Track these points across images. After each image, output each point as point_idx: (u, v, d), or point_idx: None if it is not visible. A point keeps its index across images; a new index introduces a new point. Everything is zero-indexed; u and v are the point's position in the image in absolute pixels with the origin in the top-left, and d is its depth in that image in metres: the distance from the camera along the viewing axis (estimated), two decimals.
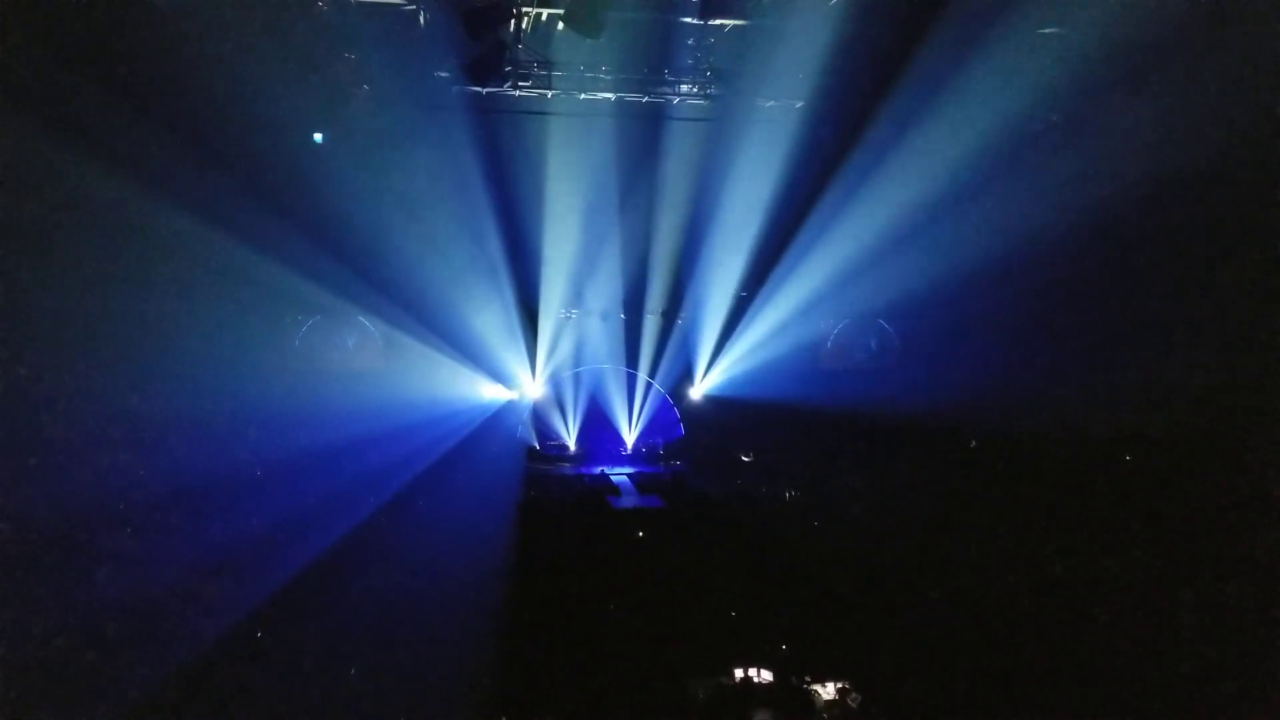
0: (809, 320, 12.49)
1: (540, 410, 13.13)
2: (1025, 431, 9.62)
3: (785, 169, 11.15)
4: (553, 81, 10.50)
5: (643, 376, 13.24)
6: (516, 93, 10.52)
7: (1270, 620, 5.89)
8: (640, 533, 8.83)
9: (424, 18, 9.32)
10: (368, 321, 11.86)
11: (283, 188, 9.57)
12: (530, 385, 13.01)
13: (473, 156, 10.74)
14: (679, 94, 10.87)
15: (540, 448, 12.97)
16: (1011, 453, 10.21)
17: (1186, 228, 8.77)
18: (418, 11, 9.28)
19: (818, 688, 5.94)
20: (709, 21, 9.58)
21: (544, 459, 12.80)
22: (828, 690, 5.92)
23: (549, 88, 10.57)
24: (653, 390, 13.28)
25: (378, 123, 10.23)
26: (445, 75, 10.07)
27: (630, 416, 13.25)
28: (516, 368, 12.83)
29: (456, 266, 11.45)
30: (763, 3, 9.48)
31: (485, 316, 12.14)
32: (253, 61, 8.33)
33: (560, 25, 9.22)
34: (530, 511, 9.62)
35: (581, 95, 10.69)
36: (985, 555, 7.85)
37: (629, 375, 13.28)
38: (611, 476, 11.60)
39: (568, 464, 12.72)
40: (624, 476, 11.69)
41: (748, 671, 6.01)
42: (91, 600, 5.85)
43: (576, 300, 12.92)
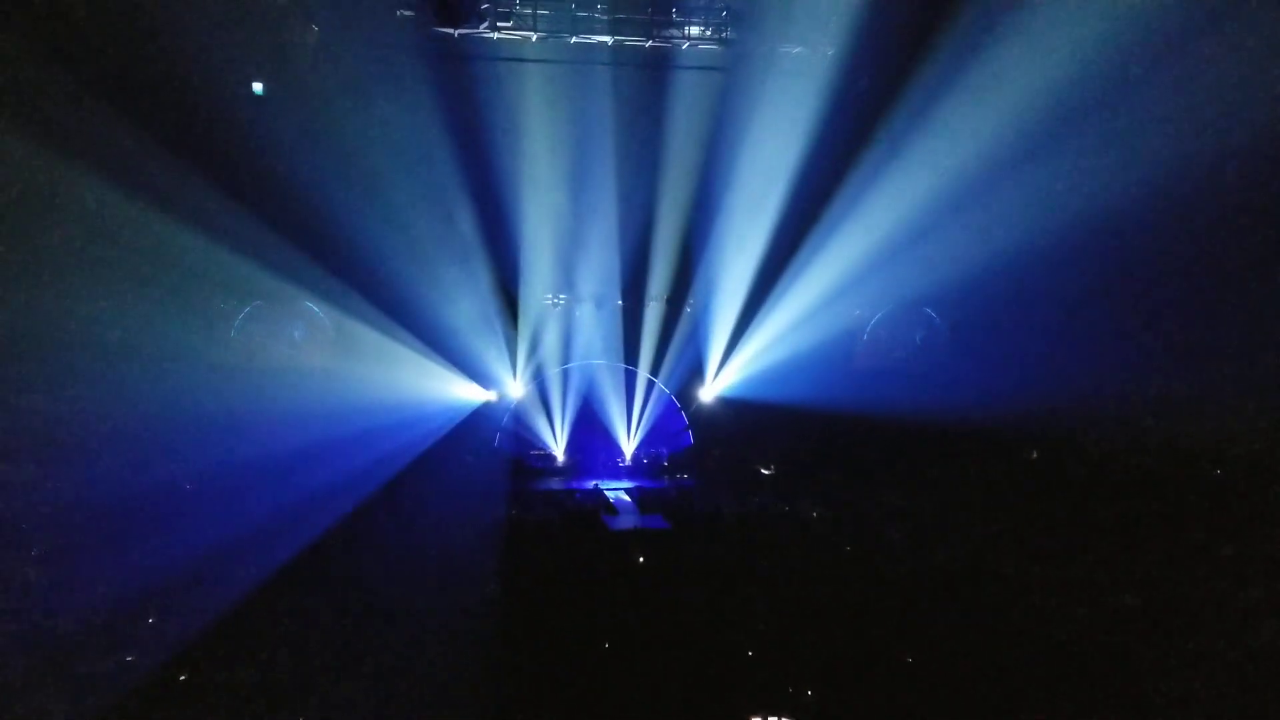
0: (841, 308, 12.35)
1: (523, 414, 12.91)
2: (1097, 441, 9.53)
3: (814, 128, 10.91)
4: (538, 22, 10.30)
5: (644, 374, 13.06)
6: (495, 35, 10.34)
7: None
8: (641, 559, 8.75)
9: None
10: (317, 308, 11.70)
11: (215, 148, 9.43)
12: (511, 384, 12.84)
13: (442, 112, 10.52)
14: (688, 38, 10.69)
15: (523, 459, 12.80)
16: (1080, 466, 10.16)
17: None
18: None
19: None
20: None
21: (528, 472, 12.61)
22: None
23: (533, 29, 10.36)
24: (656, 391, 13.09)
25: (328, 71, 10.09)
26: (409, 14, 9.91)
27: (629, 422, 13.03)
28: (494, 363, 12.60)
29: (422, 243, 11.30)
30: None
31: (457, 302, 11.98)
32: None
33: None
34: (512, 535, 9.52)
35: (572, 39, 10.50)
36: (1049, 586, 7.72)
37: (628, 373, 13.10)
38: (607, 492, 11.42)
39: (556, 478, 12.51)
40: (622, 493, 11.51)
41: None
42: None
43: (565, 284, 12.72)
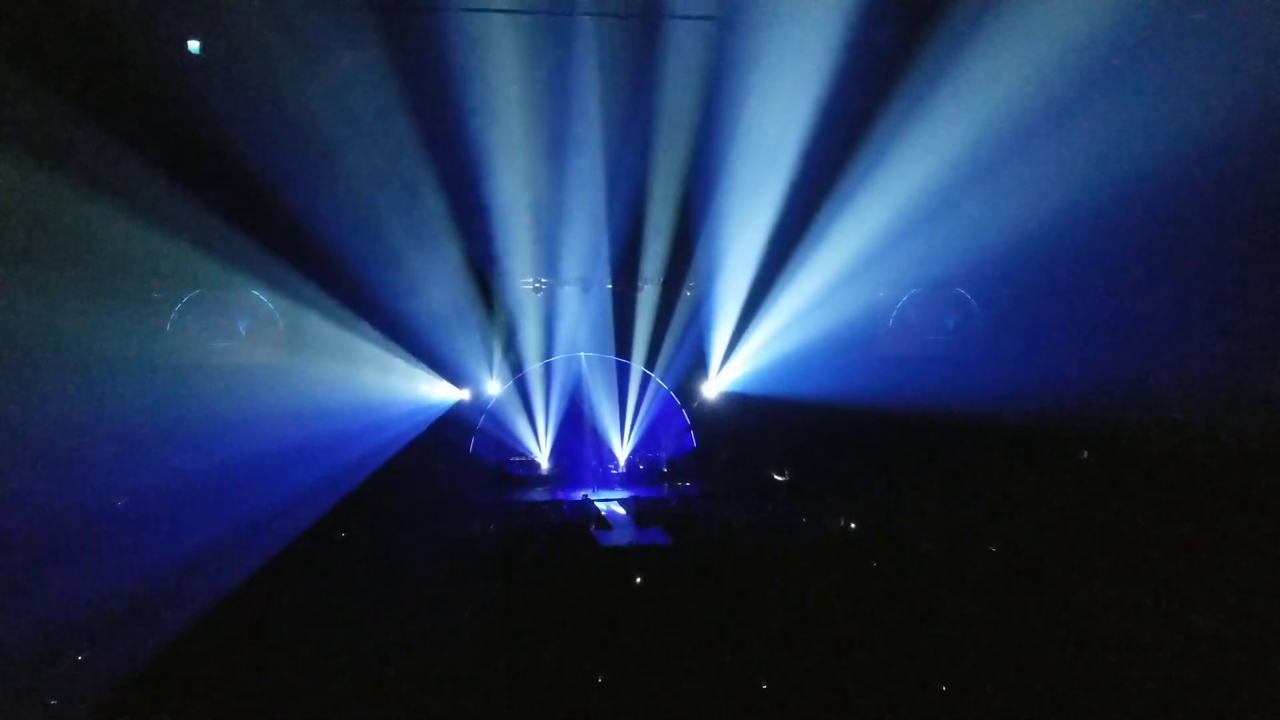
0: (863, 289, 12.38)
1: (500, 415, 12.93)
2: (1161, 437, 9.47)
3: (828, 85, 10.80)
4: None
5: (638, 367, 13.06)
6: None
7: None
8: (638, 579, 8.74)
9: None
10: (264, 297, 11.74)
11: (145, 115, 9.38)
12: (487, 382, 12.87)
13: (402, 71, 10.45)
14: None
15: (502, 467, 12.84)
16: (1143, 467, 10.10)
17: None
18: None
19: None
20: None
21: (507, 481, 12.69)
22: None
23: None
24: (653, 386, 13.10)
25: (273, 26, 10.05)
26: None
27: (623, 422, 13.07)
28: (467, 358, 12.62)
29: (383, 222, 11.27)
30: None
31: (423, 289, 11.89)
32: None
33: None
34: (489, 555, 9.48)
35: None
36: (1107, 608, 7.65)
37: (620, 366, 13.08)
38: (599, 504, 11.40)
39: (540, 488, 12.56)
40: (615, 504, 11.47)
41: None
42: None
43: (547, 266, 12.68)
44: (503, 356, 12.77)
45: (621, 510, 11.26)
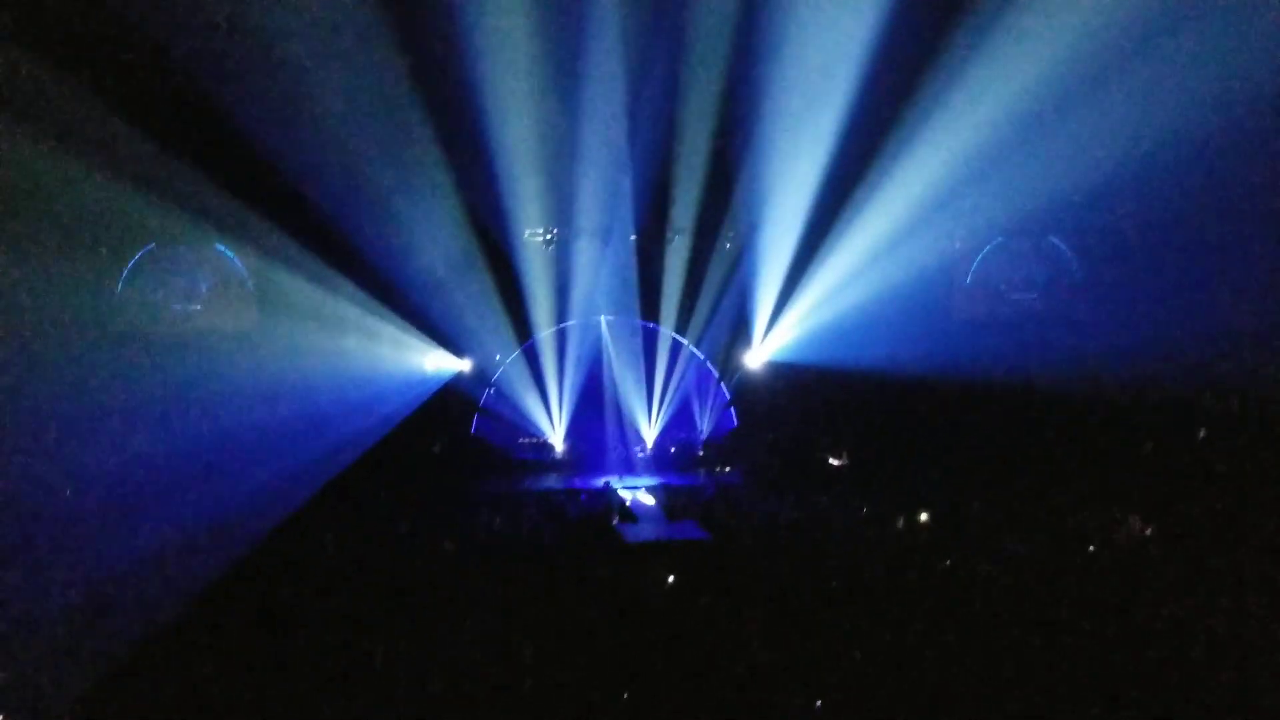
0: (935, 239, 12.28)
1: (507, 389, 12.98)
2: None
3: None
4: None
5: (668, 332, 13.01)
6: None
7: None
8: (670, 578, 8.75)
9: None
10: (230, 251, 11.75)
11: (92, 48, 9.26)
12: (491, 351, 12.90)
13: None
14: None
15: (509, 450, 12.85)
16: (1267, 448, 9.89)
17: None
18: None
19: None
20: None
21: (515, 467, 12.79)
22: None
23: None
24: (685, 355, 13.08)
25: None
26: None
27: (650, 397, 13.10)
28: (468, 323, 12.72)
29: (368, 164, 11.25)
30: None
31: (416, 243, 12.01)
32: None
33: None
34: (495, 551, 9.54)
35: None
36: (1218, 615, 7.39)
37: (646, 331, 13.04)
38: (622, 493, 11.43)
39: (553, 474, 12.71)
40: (642, 493, 11.52)
41: None
42: None
43: (559, 213, 12.60)
44: (508, 321, 12.74)
45: (649, 500, 11.29)
